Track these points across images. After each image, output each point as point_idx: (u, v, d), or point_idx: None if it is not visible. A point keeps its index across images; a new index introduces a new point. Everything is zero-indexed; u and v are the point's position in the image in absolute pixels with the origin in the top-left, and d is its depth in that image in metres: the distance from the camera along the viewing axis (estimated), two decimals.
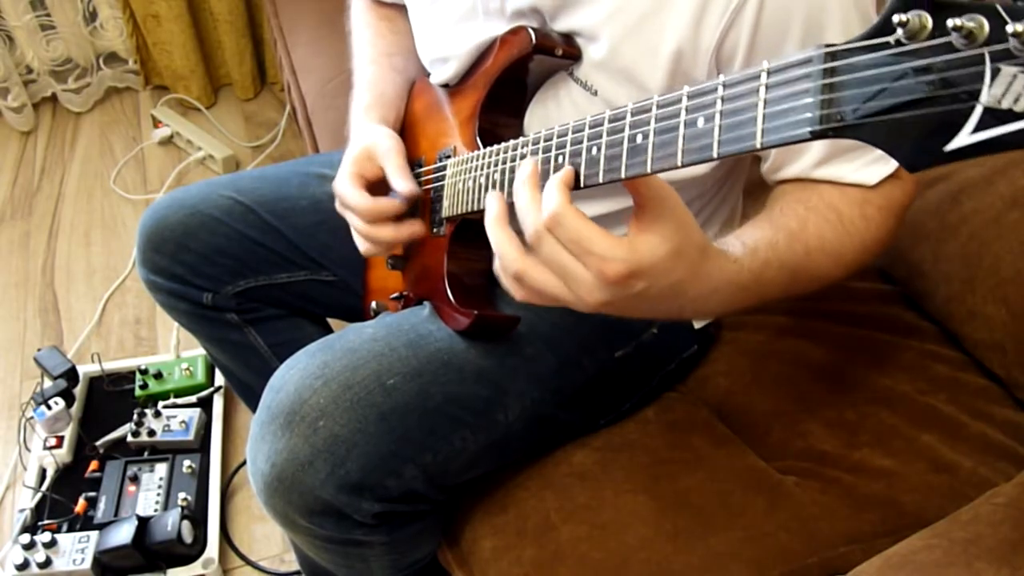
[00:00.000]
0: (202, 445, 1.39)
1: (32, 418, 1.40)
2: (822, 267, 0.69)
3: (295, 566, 1.29)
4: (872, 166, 0.69)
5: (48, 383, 1.43)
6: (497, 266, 0.60)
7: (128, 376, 1.49)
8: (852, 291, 1.04)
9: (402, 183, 0.81)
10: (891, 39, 0.36)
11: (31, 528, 1.27)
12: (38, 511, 1.31)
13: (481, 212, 0.75)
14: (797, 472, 0.86)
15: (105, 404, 1.46)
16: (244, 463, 1.05)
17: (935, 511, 0.75)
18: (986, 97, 0.32)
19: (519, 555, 0.81)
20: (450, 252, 0.81)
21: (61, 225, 1.95)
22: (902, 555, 0.66)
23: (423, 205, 0.87)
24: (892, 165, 0.69)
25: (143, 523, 1.22)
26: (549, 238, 0.54)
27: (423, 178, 0.87)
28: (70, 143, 2.16)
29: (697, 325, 0.93)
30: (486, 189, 0.72)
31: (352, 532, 0.77)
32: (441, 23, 0.85)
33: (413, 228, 0.84)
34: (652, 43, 0.68)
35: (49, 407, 1.37)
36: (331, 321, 1.18)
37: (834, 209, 0.69)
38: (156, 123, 2.14)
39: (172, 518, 1.22)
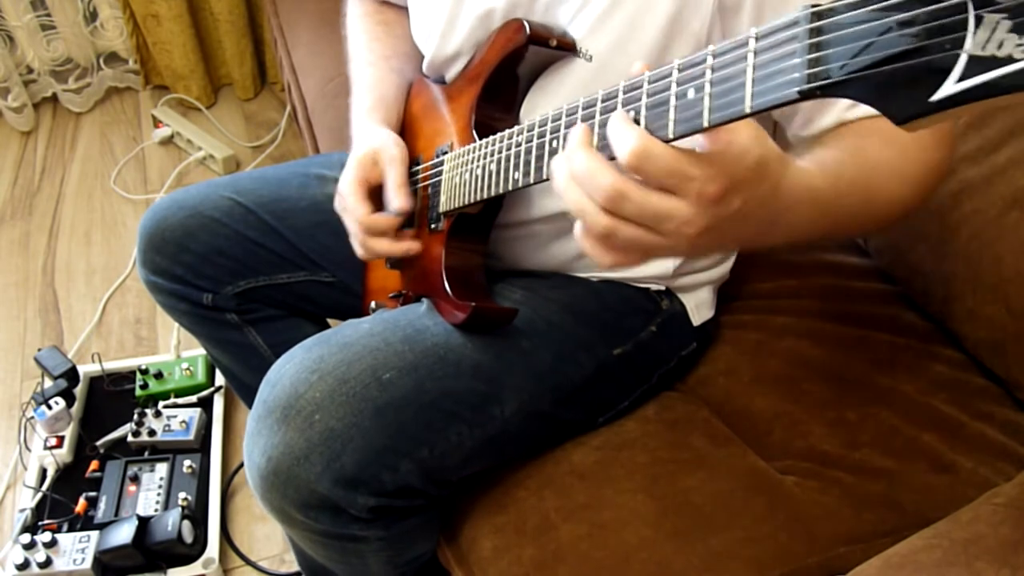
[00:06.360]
0: (202, 445, 1.40)
1: (32, 418, 1.40)
2: (890, 186, 0.67)
3: (295, 566, 1.29)
4: None
5: (48, 383, 1.43)
6: (578, 231, 0.54)
7: (128, 376, 1.50)
8: (852, 291, 1.04)
9: (397, 199, 0.82)
10: None
11: (31, 528, 1.27)
12: (38, 511, 1.31)
13: (478, 204, 0.75)
14: (797, 472, 0.86)
15: (105, 404, 1.47)
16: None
17: (935, 511, 0.75)
18: (970, 45, 0.33)
19: (519, 554, 0.81)
20: (448, 246, 0.82)
21: (61, 225, 1.95)
22: (902, 555, 0.66)
23: (421, 204, 0.87)
24: None
25: (143, 523, 1.22)
26: (632, 189, 0.49)
27: (420, 175, 0.87)
28: (70, 143, 2.17)
29: (696, 322, 0.93)
30: (483, 180, 0.72)
31: (348, 527, 0.77)
32: None
33: (409, 246, 0.85)
34: None
35: (49, 407, 1.38)
36: (330, 321, 1.18)
37: (883, 133, 0.66)
38: (156, 123, 2.15)
39: (172, 518, 1.22)
